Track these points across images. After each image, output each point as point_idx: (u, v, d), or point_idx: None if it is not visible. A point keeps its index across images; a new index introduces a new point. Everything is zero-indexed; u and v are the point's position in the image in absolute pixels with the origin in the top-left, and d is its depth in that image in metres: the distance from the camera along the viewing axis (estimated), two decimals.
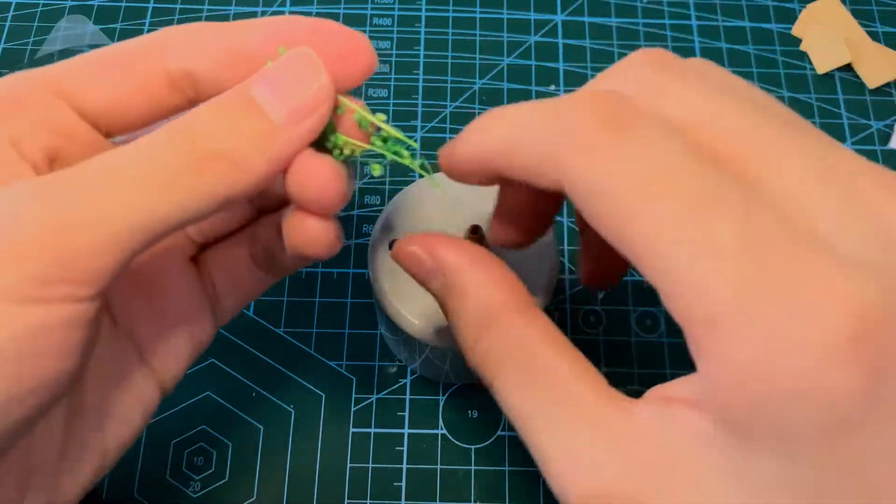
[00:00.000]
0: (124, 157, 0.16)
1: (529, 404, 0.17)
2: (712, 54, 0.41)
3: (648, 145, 0.14)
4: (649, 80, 0.16)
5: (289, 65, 0.17)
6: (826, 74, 0.41)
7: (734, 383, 0.13)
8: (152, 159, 0.16)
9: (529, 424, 0.16)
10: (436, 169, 0.20)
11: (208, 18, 0.42)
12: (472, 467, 0.31)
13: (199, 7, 0.42)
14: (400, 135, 0.19)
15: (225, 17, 0.42)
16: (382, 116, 0.19)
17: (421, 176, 0.21)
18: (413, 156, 0.20)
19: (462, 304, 0.18)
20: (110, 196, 0.15)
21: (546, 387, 0.16)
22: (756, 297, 0.12)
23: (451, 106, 0.39)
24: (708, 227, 0.13)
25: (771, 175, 0.14)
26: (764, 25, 0.42)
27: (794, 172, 0.14)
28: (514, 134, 0.17)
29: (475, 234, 0.25)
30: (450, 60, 0.41)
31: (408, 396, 0.33)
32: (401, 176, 0.38)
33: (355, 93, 0.20)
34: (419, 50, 0.41)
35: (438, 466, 0.31)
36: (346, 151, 0.19)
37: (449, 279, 0.18)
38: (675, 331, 0.34)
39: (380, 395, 0.33)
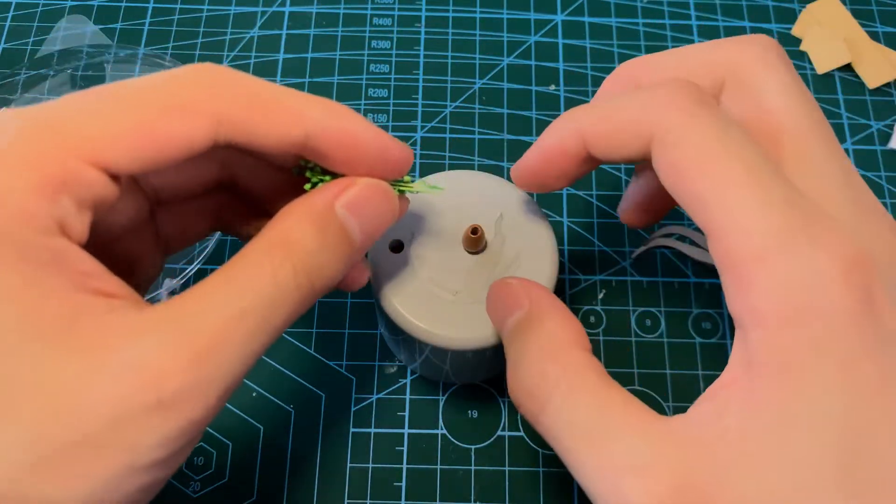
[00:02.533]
0: (238, 297, 0.18)
1: (587, 422, 0.18)
2: None
3: (725, 123, 0.19)
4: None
5: (368, 195, 0.21)
6: (826, 74, 0.41)
7: (777, 301, 0.17)
8: (263, 299, 0.18)
9: (585, 441, 0.18)
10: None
11: (208, 18, 0.42)
12: (472, 467, 0.31)
13: (199, 7, 0.42)
14: (428, 189, 0.24)
15: (224, 17, 0.42)
16: (419, 185, 0.23)
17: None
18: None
19: (537, 333, 0.21)
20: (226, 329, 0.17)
21: (607, 404, 0.18)
22: (793, 240, 0.17)
23: (451, 106, 0.39)
24: (765, 187, 0.17)
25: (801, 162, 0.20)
26: (764, 25, 0.42)
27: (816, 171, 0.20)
28: (610, 106, 0.21)
29: (475, 234, 0.25)
30: (450, 60, 0.41)
31: (408, 396, 0.33)
32: None
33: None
34: (419, 50, 0.41)
35: (438, 466, 0.31)
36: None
37: (532, 310, 0.22)
38: (674, 331, 0.34)
39: (380, 395, 0.33)
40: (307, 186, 0.21)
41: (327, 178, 0.21)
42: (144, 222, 0.22)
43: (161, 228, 0.23)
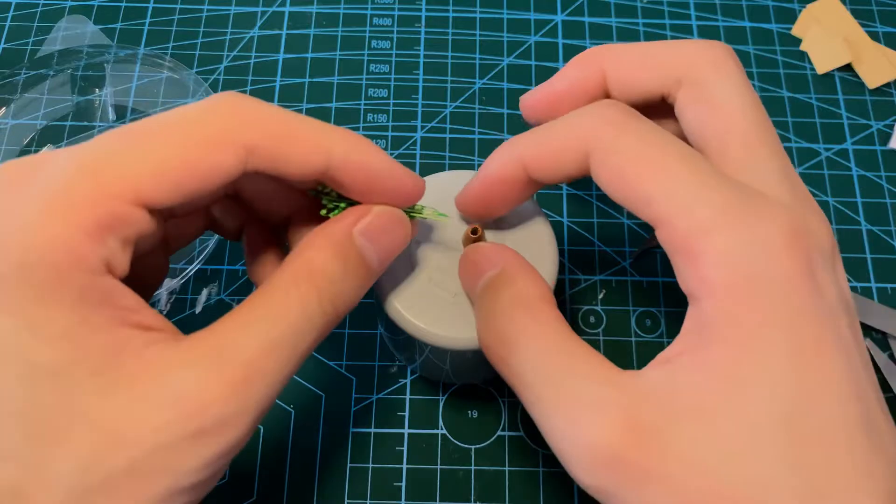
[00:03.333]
0: (271, 330, 0.19)
1: (550, 362, 0.20)
2: None
3: (654, 127, 0.21)
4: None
5: (384, 223, 0.22)
6: (826, 74, 0.41)
7: (727, 275, 0.18)
8: (293, 328, 0.19)
9: (548, 380, 0.19)
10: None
11: (208, 18, 0.42)
12: (472, 467, 0.31)
13: (200, 7, 0.42)
14: (436, 216, 0.24)
15: (224, 17, 0.42)
16: (428, 211, 0.24)
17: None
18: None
19: (508, 288, 0.22)
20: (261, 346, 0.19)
21: (566, 357, 0.20)
22: (734, 214, 0.18)
23: (451, 106, 0.39)
24: (701, 173, 0.19)
25: (728, 154, 0.21)
26: (764, 25, 0.42)
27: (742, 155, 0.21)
28: (544, 132, 0.22)
29: (475, 234, 0.25)
30: (450, 60, 0.41)
31: (408, 396, 0.33)
32: None
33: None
34: (419, 50, 0.41)
35: (438, 466, 0.31)
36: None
37: (506, 269, 0.23)
38: (675, 331, 0.34)
39: (380, 395, 0.33)
40: (323, 212, 0.23)
41: (343, 204, 0.23)
42: (159, 237, 0.23)
43: (165, 233, 0.23)
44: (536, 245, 0.26)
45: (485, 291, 0.23)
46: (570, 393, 0.19)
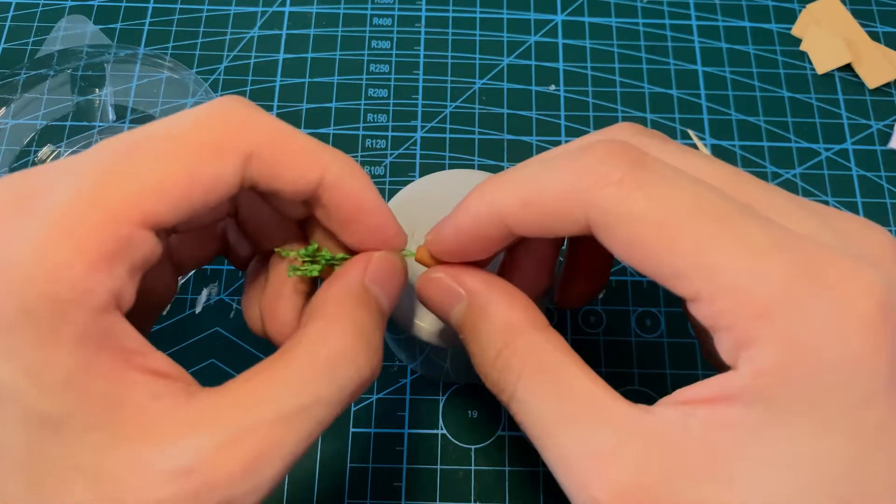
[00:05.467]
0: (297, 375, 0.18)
1: (551, 409, 0.18)
2: (712, 54, 0.41)
3: (669, 178, 0.16)
4: (634, 137, 0.19)
5: (387, 266, 0.21)
6: (826, 74, 0.41)
7: (783, 363, 0.15)
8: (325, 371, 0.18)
9: (551, 429, 0.17)
10: None
11: (208, 18, 0.42)
12: (472, 467, 0.31)
13: (199, 7, 0.42)
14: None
15: (224, 17, 0.42)
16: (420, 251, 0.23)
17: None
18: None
19: (484, 323, 0.20)
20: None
21: (567, 392, 0.17)
22: (798, 290, 0.15)
23: (451, 106, 0.39)
24: (746, 236, 0.15)
25: (762, 204, 0.17)
26: (764, 25, 0.42)
27: (780, 202, 0.17)
28: (530, 186, 0.18)
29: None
30: (450, 60, 0.41)
31: (408, 396, 0.33)
32: (400, 176, 0.38)
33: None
34: (419, 50, 0.41)
35: (438, 466, 0.31)
36: None
37: (473, 300, 0.20)
38: (675, 331, 0.34)
39: (380, 395, 0.33)
40: (290, 273, 0.22)
41: (318, 266, 0.22)
42: (163, 259, 0.22)
43: (174, 254, 0.23)
44: None
45: (460, 328, 0.21)
46: (572, 444, 0.17)
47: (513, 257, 0.23)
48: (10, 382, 0.15)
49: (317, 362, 0.18)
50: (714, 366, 0.18)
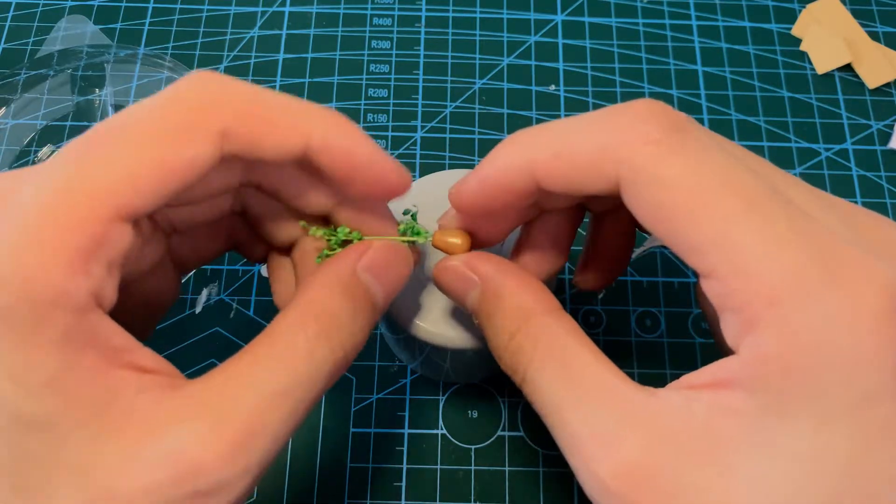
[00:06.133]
0: (275, 374, 0.18)
1: (561, 390, 0.18)
2: (712, 54, 0.41)
3: (707, 148, 0.16)
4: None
5: (386, 256, 0.21)
6: (826, 74, 0.41)
7: (785, 352, 0.15)
8: (301, 377, 0.18)
9: (560, 409, 0.18)
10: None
11: (208, 18, 0.42)
12: (472, 467, 0.31)
13: (199, 7, 0.42)
14: (424, 239, 0.23)
15: (224, 17, 0.42)
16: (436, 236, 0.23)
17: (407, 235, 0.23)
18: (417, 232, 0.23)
19: (498, 307, 0.20)
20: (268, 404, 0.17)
21: (577, 374, 0.18)
22: (812, 281, 0.15)
23: (451, 106, 0.39)
24: (771, 221, 0.15)
25: (789, 193, 0.17)
26: (764, 25, 0.42)
27: (801, 192, 0.17)
28: (564, 138, 0.18)
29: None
30: (450, 60, 0.41)
31: (408, 396, 0.33)
32: None
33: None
34: (419, 50, 0.41)
35: (438, 466, 0.31)
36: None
37: (486, 286, 0.21)
38: (675, 331, 0.34)
39: (380, 395, 0.33)
40: (318, 259, 0.22)
41: (337, 244, 0.22)
42: (163, 258, 0.22)
43: (175, 251, 0.23)
44: None
45: (476, 313, 0.21)
46: (580, 426, 0.17)
47: (529, 234, 0.23)
48: None
49: (295, 345, 0.18)
50: (721, 353, 0.18)
